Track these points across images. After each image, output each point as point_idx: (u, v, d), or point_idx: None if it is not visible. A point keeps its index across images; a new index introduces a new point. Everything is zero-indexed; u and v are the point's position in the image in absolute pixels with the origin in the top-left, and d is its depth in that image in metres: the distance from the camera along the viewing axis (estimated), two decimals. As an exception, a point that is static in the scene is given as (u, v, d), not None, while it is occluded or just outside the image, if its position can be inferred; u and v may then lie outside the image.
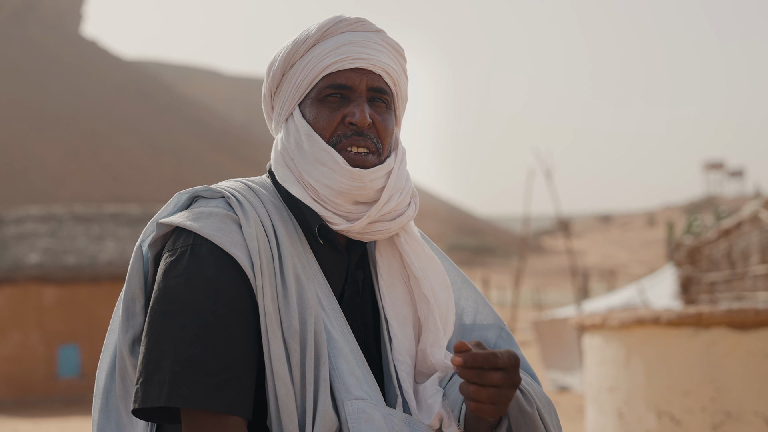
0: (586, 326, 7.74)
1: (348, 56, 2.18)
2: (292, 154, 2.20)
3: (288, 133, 2.22)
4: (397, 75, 2.25)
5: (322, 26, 2.22)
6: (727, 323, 6.60)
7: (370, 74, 2.20)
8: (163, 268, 2.07)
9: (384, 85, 2.22)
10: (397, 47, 2.28)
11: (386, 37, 2.27)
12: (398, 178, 2.21)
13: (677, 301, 14.55)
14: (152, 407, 2.03)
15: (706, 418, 6.64)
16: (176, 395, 1.97)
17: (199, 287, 2.02)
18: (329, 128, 2.17)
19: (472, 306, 2.41)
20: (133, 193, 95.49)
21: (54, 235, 23.41)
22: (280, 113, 2.26)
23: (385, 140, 2.21)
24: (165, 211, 2.19)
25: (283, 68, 2.24)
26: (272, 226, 2.13)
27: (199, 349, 1.99)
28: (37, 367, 22.02)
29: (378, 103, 2.21)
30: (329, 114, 2.18)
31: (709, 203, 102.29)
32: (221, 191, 2.15)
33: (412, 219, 2.25)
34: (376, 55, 2.21)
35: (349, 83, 2.18)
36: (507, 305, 44.64)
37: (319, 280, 2.15)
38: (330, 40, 2.21)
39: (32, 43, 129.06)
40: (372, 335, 2.25)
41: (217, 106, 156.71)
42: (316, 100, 2.20)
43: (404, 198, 2.22)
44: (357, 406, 2.04)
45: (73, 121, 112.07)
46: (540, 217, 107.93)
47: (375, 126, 2.19)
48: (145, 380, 2.00)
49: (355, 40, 2.21)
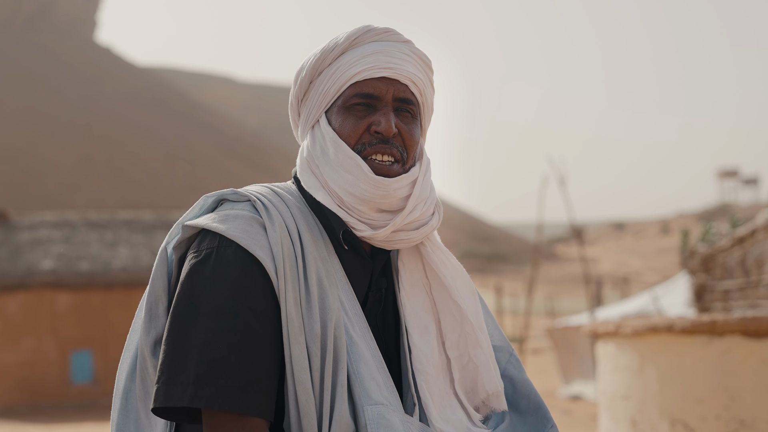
0: (599, 334, 7.72)
1: (376, 65, 2.20)
2: (318, 161, 2.21)
3: (314, 140, 2.23)
4: (424, 85, 2.26)
5: (351, 35, 2.23)
6: (741, 331, 6.58)
7: (396, 84, 2.21)
8: (188, 269, 2.08)
9: (410, 95, 2.23)
10: (425, 58, 2.29)
11: (414, 47, 2.28)
12: (423, 187, 2.22)
13: (691, 309, 14.51)
14: (173, 407, 2.04)
15: (720, 426, 6.62)
16: (200, 396, 1.98)
17: (223, 288, 2.03)
18: (354, 136, 2.19)
19: (491, 323, 2.43)
20: (146, 199, 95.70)
21: (68, 241, 23.47)
22: (307, 120, 2.27)
23: (410, 150, 2.22)
24: (191, 214, 2.20)
25: (311, 76, 2.25)
26: (297, 230, 2.14)
27: (223, 350, 2.00)
28: (51, 372, 22.07)
29: (404, 113, 2.23)
30: (355, 122, 2.19)
31: (724, 211, 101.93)
32: (247, 195, 2.17)
33: (435, 229, 2.26)
34: (404, 65, 2.22)
35: (376, 92, 2.20)
36: (520, 313, 44.58)
37: (343, 285, 2.16)
38: (358, 49, 2.23)
39: (46, 50, 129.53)
40: (393, 343, 2.26)
41: (230, 113, 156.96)
42: (342, 108, 2.21)
43: (428, 208, 2.23)
44: (377, 411, 2.05)
45: (87, 128, 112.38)
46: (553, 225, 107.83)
47: (401, 135, 2.21)
48: (167, 380, 2.01)
49: (383, 50, 2.22)
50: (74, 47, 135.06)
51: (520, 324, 32.71)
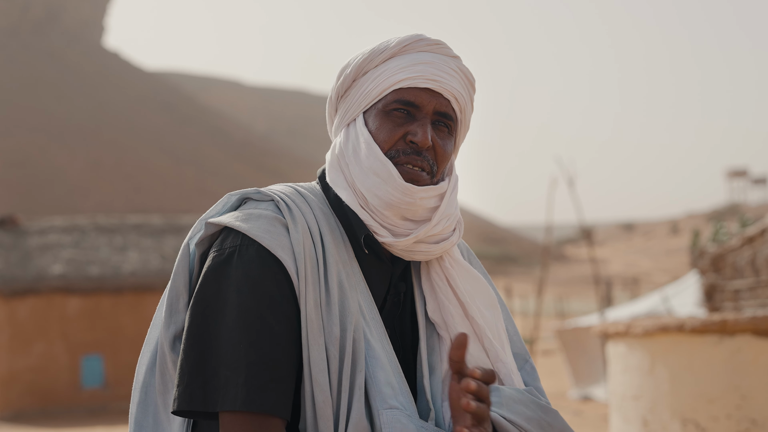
0: (610, 334, 7.71)
1: (422, 75, 2.19)
2: (348, 160, 2.21)
3: (347, 138, 2.23)
4: (465, 103, 2.26)
5: (403, 41, 2.23)
6: (752, 330, 6.57)
7: (439, 97, 2.21)
8: (209, 266, 2.08)
9: (451, 111, 2.22)
10: (470, 76, 2.28)
11: (461, 64, 2.27)
12: (449, 203, 2.22)
13: (701, 309, 14.49)
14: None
15: (731, 425, 6.61)
16: (222, 399, 1.99)
17: (244, 288, 2.04)
18: (389, 141, 2.18)
19: (511, 329, 2.42)
20: (155, 203, 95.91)
21: (77, 245, 23.52)
22: (344, 117, 2.27)
23: (442, 164, 2.21)
24: (214, 211, 2.21)
25: (355, 74, 2.25)
26: (319, 232, 2.14)
27: (243, 349, 2.00)
28: (61, 377, 22.11)
29: (441, 127, 2.22)
30: (392, 128, 2.19)
31: (733, 211, 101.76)
32: (271, 195, 2.17)
33: (455, 245, 2.27)
34: (449, 80, 2.21)
35: (418, 102, 2.19)
36: (530, 314, 44.54)
37: (362, 289, 2.16)
38: (407, 56, 2.23)
39: (55, 55, 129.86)
40: (410, 348, 2.26)
41: (238, 117, 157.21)
42: (381, 112, 2.20)
43: (450, 224, 2.23)
44: (392, 416, 2.04)
45: (95, 132, 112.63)
46: (563, 226, 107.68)
47: (434, 149, 2.20)
48: (189, 382, 2.02)
49: (431, 61, 2.22)
50: (82, 52, 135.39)
51: (530, 325, 32.67)
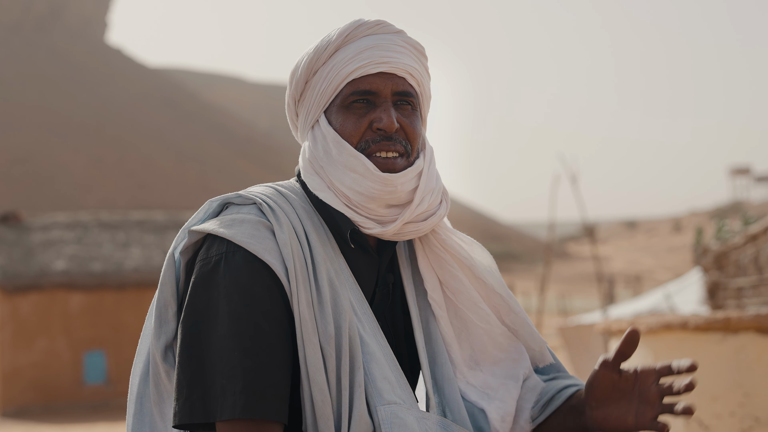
0: (612, 331, 7.70)
1: (371, 61, 2.17)
2: (321, 162, 2.18)
3: (315, 141, 2.21)
4: (421, 75, 2.24)
5: (343, 31, 2.21)
6: (756, 328, 6.56)
7: (394, 78, 2.19)
8: (197, 276, 2.06)
9: (409, 88, 2.20)
10: (418, 46, 2.26)
11: (407, 37, 2.25)
12: (429, 178, 2.20)
13: (704, 307, 14.47)
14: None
15: (735, 423, 6.60)
16: (222, 410, 1.97)
17: (234, 295, 2.01)
18: (356, 134, 2.16)
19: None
20: (158, 200, 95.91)
21: (80, 242, 23.53)
22: (306, 121, 2.25)
23: (414, 142, 2.20)
24: (195, 219, 2.18)
25: (306, 76, 2.23)
26: (304, 231, 2.12)
27: (238, 357, 1.98)
28: (64, 373, 22.13)
29: (404, 106, 2.20)
30: (356, 120, 2.17)
31: (736, 209, 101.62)
32: (252, 198, 2.14)
33: (443, 217, 2.25)
34: (399, 58, 2.20)
35: (374, 88, 2.17)
36: (532, 311, 44.53)
37: (351, 285, 2.15)
38: (351, 45, 2.20)
39: (57, 51, 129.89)
40: (403, 336, 2.25)
41: (241, 113, 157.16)
42: (341, 107, 2.19)
43: (435, 197, 2.22)
44: (389, 411, 2.04)
45: (98, 129, 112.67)
46: (565, 223, 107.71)
47: (403, 129, 2.18)
48: (188, 395, 2.00)
49: (376, 44, 2.19)
50: (85, 49, 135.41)
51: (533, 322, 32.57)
